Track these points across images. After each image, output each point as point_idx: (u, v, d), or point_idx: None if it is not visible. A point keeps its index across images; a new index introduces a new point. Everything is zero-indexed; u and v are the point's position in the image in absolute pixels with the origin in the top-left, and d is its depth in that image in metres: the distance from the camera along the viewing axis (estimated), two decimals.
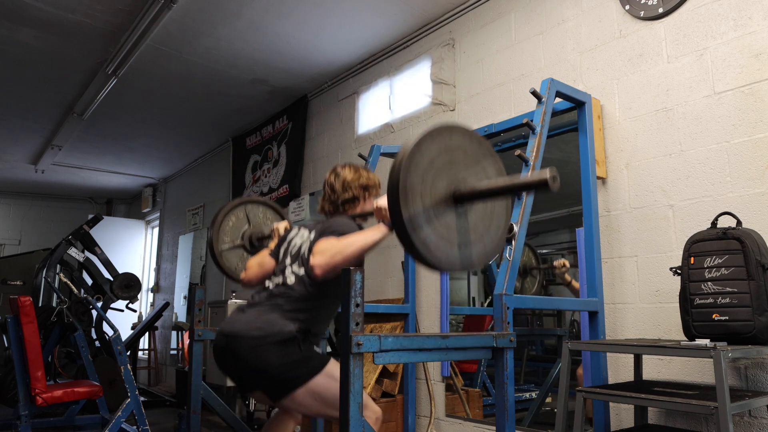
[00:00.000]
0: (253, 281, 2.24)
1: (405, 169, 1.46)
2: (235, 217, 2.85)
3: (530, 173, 1.47)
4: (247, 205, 2.89)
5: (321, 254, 1.88)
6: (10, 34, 3.95)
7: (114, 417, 3.42)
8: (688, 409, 1.75)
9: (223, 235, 2.79)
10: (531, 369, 3.46)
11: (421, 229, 1.47)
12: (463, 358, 2.64)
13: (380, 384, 3.34)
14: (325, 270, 1.85)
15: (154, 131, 6.11)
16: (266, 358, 1.88)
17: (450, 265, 1.55)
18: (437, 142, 1.54)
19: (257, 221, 2.90)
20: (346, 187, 2.20)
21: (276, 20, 3.75)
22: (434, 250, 1.50)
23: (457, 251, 1.55)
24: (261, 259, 2.26)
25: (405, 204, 1.44)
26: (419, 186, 1.48)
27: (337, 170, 2.26)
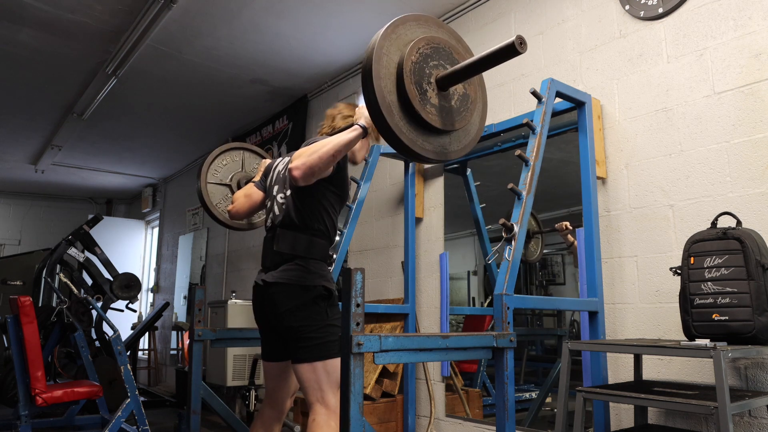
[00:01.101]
0: (241, 212, 2.29)
1: (384, 36, 1.43)
2: (230, 159, 2.88)
3: None
4: (245, 151, 2.93)
5: (298, 158, 1.90)
6: (10, 35, 3.95)
7: (114, 417, 3.42)
8: (688, 409, 1.75)
9: (214, 170, 2.81)
10: (531, 369, 3.46)
11: (394, 104, 1.43)
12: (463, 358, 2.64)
13: (380, 384, 3.34)
14: (303, 170, 1.86)
15: (154, 131, 6.11)
16: (296, 317, 1.95)
17: (422, 150, 1.51)
18: (422, 27, 1.52)
19: (251, 170, 2.93)
20: (344, 118, 2.22)
21: (276, 20, 3.75)
22: (408, 132, 1.46)
23: (432, 137, 1.52)
24: (247, 191, 2.30)
25: (378, 70, 1.39)
26: (397, 60, 1.45)
27: (337, 104, 2.32)
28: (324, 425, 1.91)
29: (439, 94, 1.50)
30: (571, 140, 2.73)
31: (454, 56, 1.55)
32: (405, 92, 1.41)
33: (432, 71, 1.49)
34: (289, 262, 2.01)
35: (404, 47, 1.46)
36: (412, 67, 1.43)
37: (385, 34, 1.43)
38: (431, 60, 1.48)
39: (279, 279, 2.00)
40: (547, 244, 3.32)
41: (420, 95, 1.45)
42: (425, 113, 1.45)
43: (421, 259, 3.53)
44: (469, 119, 1.60)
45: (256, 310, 2.14)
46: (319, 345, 1.95)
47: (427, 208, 3.58)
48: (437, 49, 1.51)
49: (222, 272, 6.19)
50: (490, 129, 2.98)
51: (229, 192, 2.86)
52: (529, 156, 2.18)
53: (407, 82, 1.41)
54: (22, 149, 6.69)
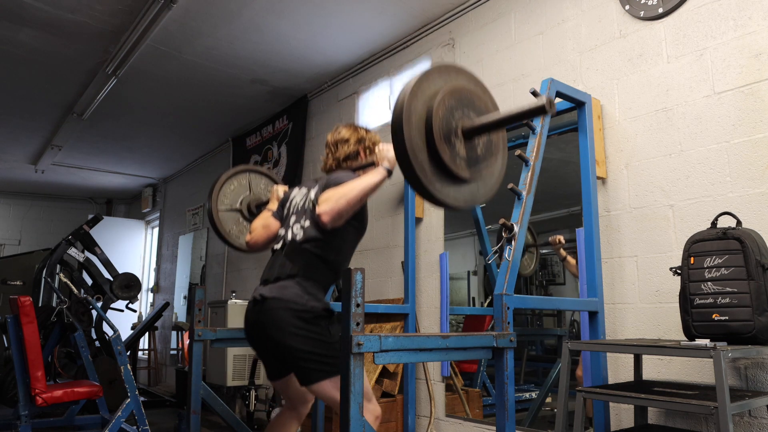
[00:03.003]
0: (260, 243, 2.27)
1: (411, 96, 1.44)
2: (237, 183, 2.87)
3: None
4: (251, 173, 2.92)
5: (326, 202, 1.92)
6: (10, 34, 3.95)
7: (114, 417, 3.42)
8: (688, 409, 1.75)
9: (223, 196, 2.80)
10: (531, 369, 3.46)
11: (425, 160, 1.45)
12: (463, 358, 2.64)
13: (380, 384, 3.34)
14: (332, 216, 1.89)
15: (154, 131, 6.11)
16: (294, 336, 1.90)
17: (452, 201, 1.54)
18: (443, 77, 1.53)
19: (258, 191, 2.92)
20: (346, 142, 2.24)
21: (276, 20, 3.75)
22: (438, 184, 1.48)
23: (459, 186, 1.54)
24: (265, 221, 2.28)
25: (409, 130, 1.42)
26: (424, 114, 1.47)
27: (337, 128, 2.31)
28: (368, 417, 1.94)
29: (466, 144, 1.52)
30: (571, 140, 2.72)
31: (476, 103, 1.57)
32: (436, 149, 1.45)
33: (458, 123, 1.51)
34: (291, 279, 1.99)
35: (430, 101, 1.48)
36: (440, 123, 1.46)
37: (412, 92, 1.45)
38: (456, 111, 1.51)
39: (277, 295, 1.96)
40: (548, 244, 3.32)
41: (450, 150, 1.47)
42: (456, 167, 1.48)
43: (421, 259, 3.53)
44: (494, 164, 1.62)
45: (251, 329, 2.06)
46: (327, 363, 1.91)
47: (427, 208, 3.58)
48: (460, 99, 1.53)
49: (222, 272, 6.19)
50: None
51: (240, 217, 2.85)
52: (529, 156, 2.18)
53: (437, 140, 1.44)
54: (22, 149, 6.69)
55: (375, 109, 4.19)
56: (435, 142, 1.44)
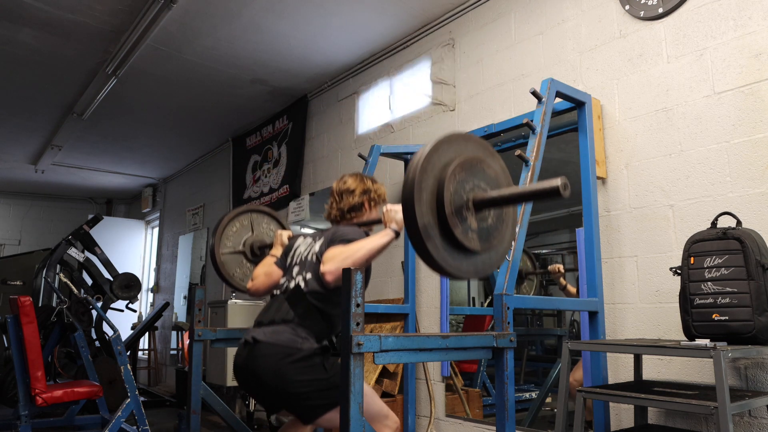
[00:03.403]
0: (261, 290, 2.25)
1: (421, 171, 1.44)
2: (239, 224, 2.86)
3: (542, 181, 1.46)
4: (252, 213, 2.90)
5: (331, 261, 1.90)
6: (10, 34, 3.95)
7: (114, 417, 3.42)
8: (688, 409, 1.75)
9: (225, 239, 2.80)
10: (531, 369, 3.46)
11: (436, 236, 1.45)
12: (463, 358, 2.64)
13: (380, 384, 3.34)
14: (336, 276, 1.87)
15: (154, 131, 6.11)
16: (289, 381, 1.89)
17: (464, 273, 1.54)
18: (453, 148, 1.53)
19: (260, 230, 2.91)
20: (351, 193, 2.24)
21: (276, 20, 3.75)
22: (449, 258, 1.48)
23: (471, 257, 1.54)
24: (268, 269, 2.26)
25: (420, 208, 1.42)
26: (434, 189, 1.46)
27: (343, 178, 2.31)
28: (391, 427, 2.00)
29: (476, 216, 1.52)
30: (571, 140, 2.72)
31: (486, 171, 1.56)
32: (447, 224, 1.44)
33: (469, 195, 1.50)
34: (285, 324, 1.98)
35: (441, 174, 1.47)
36: (451, 198, 1.45)
37: (422, 168, 1.44)
38: (467, 184, 1.50)
39: (270, 340, 1.95)
40: (547, 244, 3.32)
41: (461, 224, 1.47)
42: (468, 241, 1.48)
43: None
44: (505, 231, 1.61)
45: (242, 374, 2.03)
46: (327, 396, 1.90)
47: None
48: (471, 170, 1.52)
49: None
50: (491, 129, 2.98)
51: (243, 259, 2.84)
52: (529, 156, 2.18)
53: (449, 215, 1.44)
54: (22, 149, 6.69)
55: (375, 109, 4.19)
56: (446, 217, 1.43)
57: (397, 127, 3.93)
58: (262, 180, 5.52)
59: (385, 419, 2.03)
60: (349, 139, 4.40)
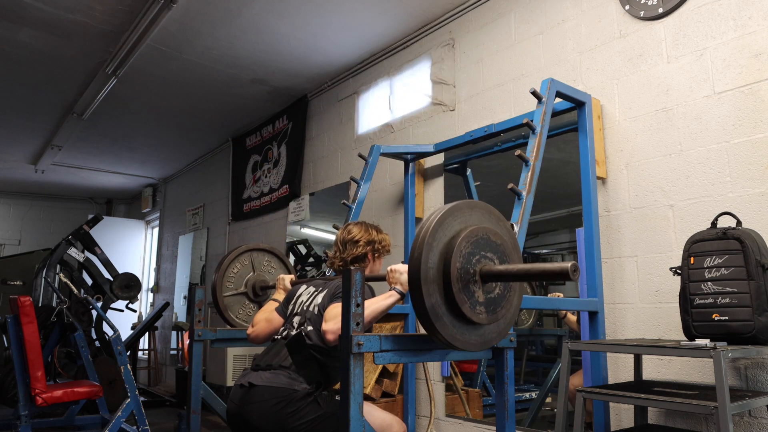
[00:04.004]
0: (261, 337, 2.22)
1: (427, 248, 1.43)
2: (240, 264, 2.87)
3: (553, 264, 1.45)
4: (253, 252, 2.91)
5: (333, 321, 1.87)
6: (10, 34, 3.95)
7: (114, 417, 3.42)
8: (688, 409, 1.74)
9: (227, 281, 2.80)
10: (531, 369, 3.46)
11: (444, 314, 1.44)
12: (463, 358, 2.64)
13: (380, 384, 3.34)
14: (337, 335, 1.83)
15: (154, 131, 6.11)
16: (286, 426, 1.86)
17: (472, 346, 1.52)
18: (458, 220, 1.51)
19: (261, 269, 2.91)
20: (355, 244, 2.22)
21: (276, 20, 3.75)
22: (458, 333, 1.47)
23: (479, 329, 1.53)
24: (268, 315, 2.24)
25: (427, 287, 1.40)
26: (441, 266, 1.45)
27: (348, 227, 2.29)
28: None
29: (483, 288, 1.50)
30: (571, 140, 2.72)
31: (492, 239, 1.54)
32: (455, 302, 1.43)
33: (476, 267, 1.49)
34: (282, 369, 1.97)
35: (446, 248, 1.46)
36: (458, 274, 1.44)
37: (428, 244, 1.43)
38: (473, 257, 1.48)
39: (266, 383, 1.93)
40: (547, 244, 3.32)
41: (468, 299, 1.46)
42: (475, 316, 1.47)
43: None
44: (512, 298, 1.60)
45: (235, 420, 1.99)
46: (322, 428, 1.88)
47: (427, 208, 3.58)
48: (477, 242, 1.50)
49: None
50: (490, 129, 2.98)
51: (245, 299, 2.85)
52: (529, 156, 2.18)
53: (456, 292, 1.43)
54: (22, 149, 6.69)
55: (375, 109, 4.19)
56: (454, 295, 1.42)
57: (397, 127, 3.93)
58: (262, 180, 5.52)
59: (389, 428, 2.02)
60: (349, 139, 4.40)
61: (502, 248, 1.56)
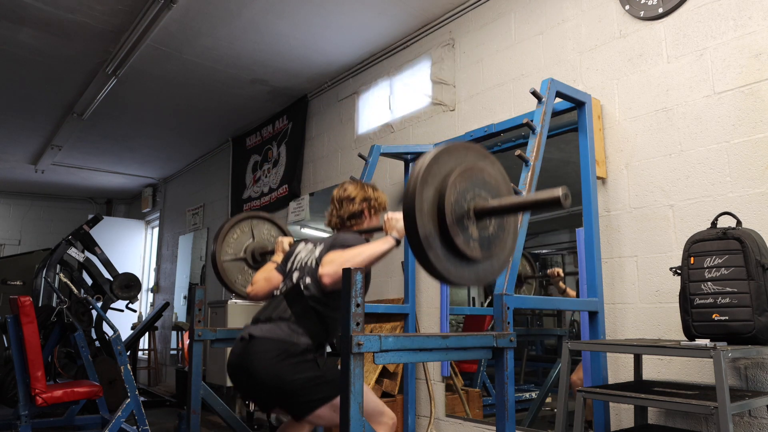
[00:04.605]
0: (260, 295, 2.26)
1: (422, 182, 1.44)
2: (240, 231, 2.87)
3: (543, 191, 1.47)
4: (253, 219, 2.91)
5: (330, 264, 1.91)
6: (10, 34, 3.95)
7: (114, 417, 3.42)
8: (688, 409, 1.75)
9: (226, 246, 2.80)
10: (531, 369, 3.46)
11: (437, 246, 1.46)
12: (463, 358, 2.64)
13: (380, 384, 3.34)
14: (334, 278, 1.89)
15: (154, 131, 6.11)
16: (283, 377, 1.90)
17: (466, 281, 1.55)
18: (453, 158, 1.53)
19: (261, 237, 2.91)
20: (351, 201, 2.24)
21: (276, 20, 3.75)
22: (451, 267, 1.48)
23: (472, 265, 1.54)
24: (268, 274, 2.27)
25: (421, 218, 1.43)
26: (435, 199, 1.47)
27: (344, 185, 2.31)
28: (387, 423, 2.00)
29: (478, 225, 1.52)
30: (571, 140, 2.72)
31: (486, 179, 1.57)
32: (449, 234, 1.45)
33: (470, 204, 1.51)
34: (282, 321, 2.00)
35: (441, 185, 1.48)
36: (452, 208, 1.46)
37: (423, 179, 1.45)
38: (467, 193, 1.51)
39: (266, 334, 1.97)
40: (547, 244, 3.32)
41: (462, 233, 1.48)
42: (469, 250, 1.49)
43: None
44: (506, 239, 1.62)
45: (236, 372, 2.03)
46: (318, 390, 1.91)
47: None
48: (471, 179, 1.52)
49: None
50: (491, 129, 2.98)
51: (244, 265, 2.85)
52: (529, 156, 2.18)
53: (450, 225, 1.45)
54: (22, 149, 6.69)
55: (375, 109, 4.18)
56: (448, 227, 1.44)
57: (397, 127, 3.93)
58: (262, 180, 5.52)
59: (381, 416, 2.03)
60: (349, 139, 4.40)
61: (497, 189, 1.58)
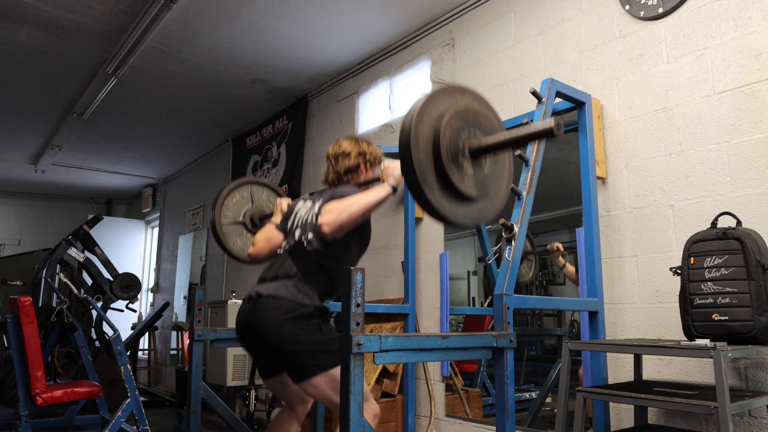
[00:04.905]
0: (262, 255, 2.27)
1: (418, 118, 1.46)
2: (239, 195, 2.88)
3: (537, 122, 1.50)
4: (252, 185, 2.93)
5: (328, 213, 1.94)
6: (10, 34, 3.95)
7: (114, 417, 3.42)
8: (688, 409, 1.75)
9: (225, 210, 2.81)
10: (531, 369, 3.46)
11: (433, 181, 1.47)
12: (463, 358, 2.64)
13: (380, 384, 3.34)
14: (333, 227, 1.91)
15: (153, 131, 6.11)
16: (286, 336, 1.91)
17: (461, 219, 1.56)
18: (449, 98, 1.55)
19: (261, 203, 2.92)
20: (347, 156, 2.25)
21: (276, 20, 3.75)
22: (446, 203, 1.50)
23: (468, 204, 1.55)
24: (268, 234, 2.29)
25: (417, 154, 1.44)
26: (431, 136, 1.48)
27: (339, 141, 2.32)
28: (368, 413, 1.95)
29: (473, 164, 1.54)
30: (571, 140, 2.72)
31: (481, 121, 1.59)
32: (444, 170, 1.49)
33: (465, 143, 1.53)
34: (288, 279, 2.02)
35: (437, 122, 1.51)
36: (447, 144, 1.48)
37: (419, 115, 1.47)
38: (462, 132, 1.53)
39: (273, 293, 1.99)
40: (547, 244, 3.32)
41: (457, 170, 1.49)
42: (464, 187, 1.51)
43: (421, 259, 3.53)
44: (501, 180, 1.63)
45: (242, 328, 2.06)
46: (317, 358, 1.92)
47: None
48: (466, 119, 1.55)
49: (222, 272, 6.19)
50: None
51: (243, 230, 2.86)
52: (529, 156, 2.18)
53: (445, 161, 1.47)
54: (22, 149, 6.69)
55: (375, 109, 4.18)
56: (443, 163, 1.46)
57: (397, 127, 3.93)
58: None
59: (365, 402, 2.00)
60: None
61: (492, 132, 1.61)
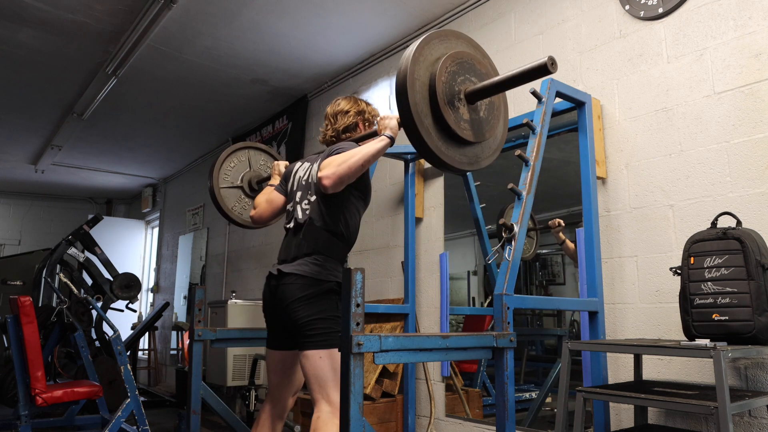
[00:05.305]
0: (264, 217, 2.32)
1: (414, 61, 1.46)
2: (237, 160, 2.91)
3: None
4: (250, 149, 2.96)
5: (327, 167, 1.96)
6: (10, 35, 3.95)
7: (114, 417, 3.42)
8: (688, 409, 1.74)
9: (223, 174, 2.83)
10: (531, 369, 3.46)
11: (429, 124, 1.47)
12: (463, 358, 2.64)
13: (380, 384, 3.34)
14: (333, 180, 1.93)
15: (154, 131, 6.11)
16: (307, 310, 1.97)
17: (457, 163, 1.57)
18: (444, 44, 1.56)
19: (258, 167, 2.94)
20: (345, 114, 2.27)
21: (276, 20, 3.75)
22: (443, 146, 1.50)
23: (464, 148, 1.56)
24: (269, 196, 2.33)
25: (413, 96, 1.44)
26: (426, 80, 1.49)
27: (336, 100, 2.34)
28: (329, 422, 1.91)
29: (469, 108, 1.55)
30: (571, 140, 2.72)
31: (477, 67, 1.60)
32: (440, 113, 1.50)
33: (461, 87, 1.54)
34: (308, 257, 2.05)
35: (432, 66, 1.52)
36: (443, 88, 1.48)
37: (414, 58, 1.48)
38: (458, 76, 1.54)
39: (294, 270, 2.03)
40: (547, 244, 3.32)
41: (453, 113, 1.50)
42: (460, 130, 1.52)
43: (421, 259, 3.53)
44: (496, 125, 1.65)
45: (267, 299, 2.14)
46: (327, 334, 1.96)
47: (427, 208, 3.58)
48: (462, 64, 1.56)
49: (222, 272, 6.19)
50: None
51: (241, 194, 2.88)
52: (529, 156, 2.18)
53: (441, 104, 1.48)
54: (22, 149, 6.69)
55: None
56: (439, 106, 1.47)
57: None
58: None
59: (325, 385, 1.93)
60: None
61: (487, 77, 1.61)
